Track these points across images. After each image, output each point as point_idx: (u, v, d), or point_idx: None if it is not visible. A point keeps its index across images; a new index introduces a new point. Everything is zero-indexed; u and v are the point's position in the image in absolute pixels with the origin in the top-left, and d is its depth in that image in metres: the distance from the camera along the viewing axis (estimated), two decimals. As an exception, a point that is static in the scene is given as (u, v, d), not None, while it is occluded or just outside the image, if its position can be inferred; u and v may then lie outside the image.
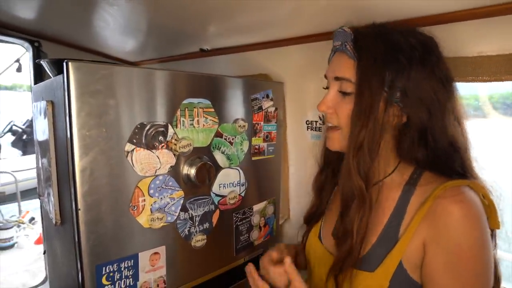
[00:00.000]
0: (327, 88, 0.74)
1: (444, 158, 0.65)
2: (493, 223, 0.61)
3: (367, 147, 0.63)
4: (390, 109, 0.63)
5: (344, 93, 0.68)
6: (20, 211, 4.28)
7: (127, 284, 0.81)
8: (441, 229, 0.59)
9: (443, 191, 0.60)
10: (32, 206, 4.34)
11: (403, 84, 0.62)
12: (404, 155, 0.68)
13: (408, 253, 0.62)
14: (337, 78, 0.69)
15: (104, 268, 0.77)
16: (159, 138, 0.82)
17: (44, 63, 0.99)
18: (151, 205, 0.83)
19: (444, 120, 0.64)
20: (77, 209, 0.72)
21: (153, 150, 0.81)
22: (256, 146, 1.09)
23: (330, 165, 0.84)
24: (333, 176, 0.85)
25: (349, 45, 0.67)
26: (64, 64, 0.67)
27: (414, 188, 0.66)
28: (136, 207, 0.80)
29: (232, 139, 1.01)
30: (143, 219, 0.81)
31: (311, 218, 0.87)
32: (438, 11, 0.79)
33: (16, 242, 3.66)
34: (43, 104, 0.87)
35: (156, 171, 0.82)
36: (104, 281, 0.77)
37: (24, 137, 5.49)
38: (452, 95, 0.66)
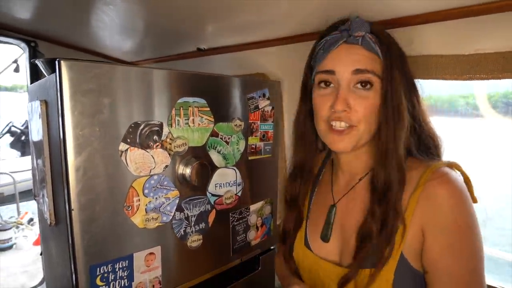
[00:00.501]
0: (325, 84, 0.69)
1: (426, 142, 0.69)
2: (471, 197, 0.64)
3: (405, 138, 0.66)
4: None
5: (361, 88, 0.66)
6: (18, 212, 4.28)
7: (122, 285, 0.80)
8: (436, 212, 0.60)
9: (430, 174, 0.62)
10: (31, 207, 4.34)
11: (407, 78, 0.68)
12: None
13: (408, 243, 0.62)
14: (359, 71, 0.65)
15: (98, 268, 0.76)
16: (154, 138, 0.81)
17: (39, 63, 0.99)
18: (146, 205, 0.82)
19: (425, 109, 0.71)
20: (70, 209, 0.71)
21: (147, 150, 0.80)
22: (253, 146, 1.09)
23: (303, 170, 0.81)
24: (305, 182, 0.82)
25: (371, 37, 0.66)
26: (56, 62, 0.66)
27: None
28: (130, 207, 0.79)
29: (228, 138, 1.00)
30: (137, 219, 0.81)
31: (291, 232, 0.83)
32: (433, 8, 0.79)
33: (14, 243, 3.67)
34: (37, 103, 0.86)
35: (150, 170, 0.82)
36: (98, 282, 0.77)
37: (23, 138, 5.49)
38: None
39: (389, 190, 0.65)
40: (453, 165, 0.65)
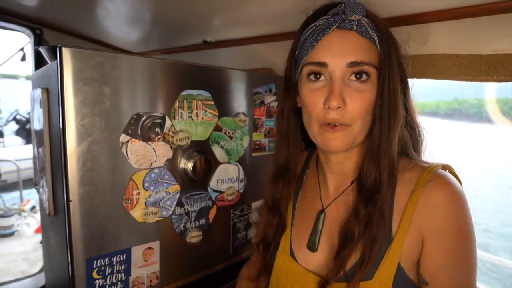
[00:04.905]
0: (315, 76, 0.60)
1: (417, 143, 0.66)
2: None
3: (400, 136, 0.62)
4: None
5: (356, 80, 0.59)
6: (21, 200, 4.31)
7: (119, 279, 0.79)
8: (438, 217, 0.56)
9: (429, 176, 0.58)
10: (34, 195, 4.36)
11: (402, 71, 0.63)
12: None
13: (406, 251, 0.58)
14: (355, 64, 0.57)
15: (95, 261, 0.75)
16: (156, 130, 0.79)
17: (42, 50, 0.97)
18: (146, 198, 0.80)
19: (414, 107, 0.67)
20: (68, 201, 0.69)
21: (149, 142, 0.78)
22: (257, 142, 1.06)
23: (286, 172, 0.73)
24: (288, 184, 0.75)
25: (367, 22, 0.59)
26: (58, 49, 0.64)
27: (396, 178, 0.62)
28: (130, 200, 0.77)
29: (232, 133, 0.98)
30: (137, 213, 0.79)
31: (271, 239, 0.74)
32: (449, 5, 0.75)
33: (16, 230, 3.69)
34: (38, 91, 0.84)
35: (151, 163, 0.80)
36: (95, 275, 0.75)
37: (28, 126, 5.52)
38: None
39: (378, 191, 0.59)
40: (446, 167, 0.61)
